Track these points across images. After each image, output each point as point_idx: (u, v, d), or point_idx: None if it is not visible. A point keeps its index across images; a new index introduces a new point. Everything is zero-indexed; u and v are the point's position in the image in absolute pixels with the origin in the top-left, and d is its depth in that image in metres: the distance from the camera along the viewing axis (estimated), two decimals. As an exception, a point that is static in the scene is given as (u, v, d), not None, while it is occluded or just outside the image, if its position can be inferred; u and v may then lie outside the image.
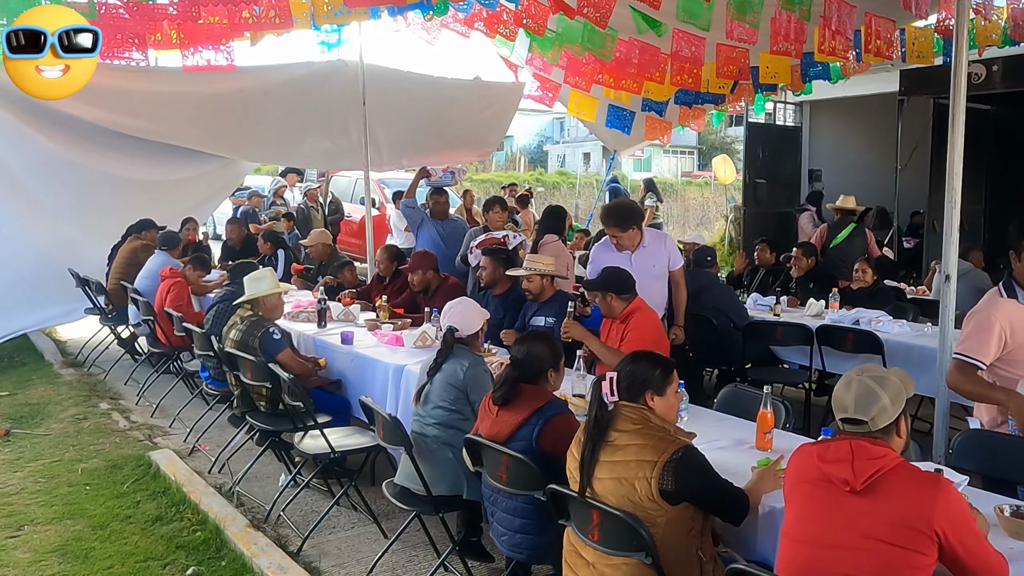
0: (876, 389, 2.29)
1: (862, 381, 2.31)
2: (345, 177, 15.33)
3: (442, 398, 3.77)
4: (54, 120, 8.04)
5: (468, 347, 3.92)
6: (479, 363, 3.86)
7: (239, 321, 5.11)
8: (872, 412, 2.26)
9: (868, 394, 2.29)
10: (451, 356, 3.83)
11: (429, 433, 3.76)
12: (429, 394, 3.81)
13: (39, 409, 6.59)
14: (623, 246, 5.17)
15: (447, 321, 3.95)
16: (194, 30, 6.00)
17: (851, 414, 2.29)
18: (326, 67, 9.69)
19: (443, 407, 3.76)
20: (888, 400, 2.28)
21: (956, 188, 4.19)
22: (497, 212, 7.08)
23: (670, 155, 38.34)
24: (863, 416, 2.27)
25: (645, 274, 5.11)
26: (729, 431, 3.61)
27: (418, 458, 3.62)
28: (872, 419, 2.26)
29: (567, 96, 10.23)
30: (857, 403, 2.29)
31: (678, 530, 2.58)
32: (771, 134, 13.63)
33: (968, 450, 3.36)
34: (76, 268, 8.20)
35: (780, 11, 6.21)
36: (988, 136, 11.07)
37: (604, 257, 5.24)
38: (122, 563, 4.09)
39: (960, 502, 2.19)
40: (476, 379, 3.75)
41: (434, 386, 3.80)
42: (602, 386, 2.73)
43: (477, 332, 4.01)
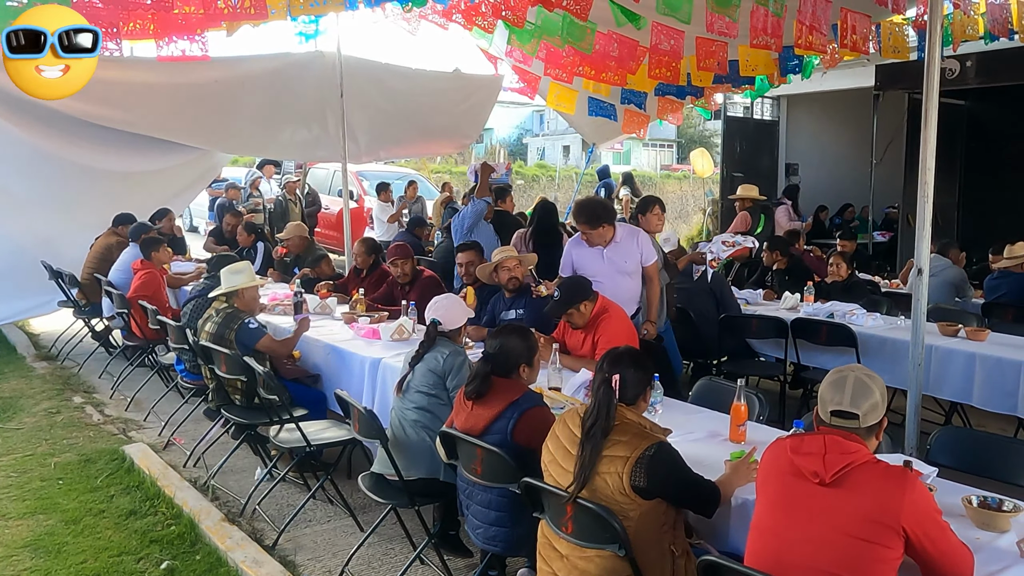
0: (870, 385, 2.32)
1: (857, 377, 2.33)
2: (323, 169, 15.27)
3: (422, 384, 3.79)
4: (28, 111, 7.91)
5: (450, 340, 3.94)
6: (459, 352, 3.89)
7: (214, 314, 5.08)
8: (865, 407, 2.28)
9: (863, 389, 2.31)
10: (433, 347, 3.85)
11: (408, 418, 3.77)
12: (410, 383, 3.83)
13: (11, 403, 6.52)
14: (594, 242, 5.17)
15: (431, 314, 3.97)
16: (169, 20, 5.92)
17: (845, 407, 2.29)
18: (303, 58, 9.63)
19: (423, 391, 3.77)
20: (879, 398, 2.31)
21: (929, 182, 4.23)
22: (657, 213, 5.91)
23: (649, 148, 38.38)
24: (856, 410, 2.28)
25: (617, 270, 5.13)
26: (703, 423, 3.63)
27: (394, 446, 3.64)
28: (864, 414, 2.28)
29: (547, 89, 10.22)
30: (853, 397, 2.29)
31: (651, 524, 2.59)
32: (748, 128, 13.72)
33: (945, 445, 3.40)
34: (51, 260, 8.10)
35: (756, 6, 6.24)
36: (962, 131, 11.20)
37: (576, 252, 5.25)
38: (95, 558, 4.06)
39: (926, 497, 2.21)
40: (455, 366, 3.78)
41: (415, 375, 3.83)
42: (612, 388, 2.71)
43: (460, 328, 4.03)
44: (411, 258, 6.23)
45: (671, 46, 6.94)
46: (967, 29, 7.51)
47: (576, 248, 5.30)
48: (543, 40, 8.21)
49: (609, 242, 5.17)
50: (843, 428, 2.29)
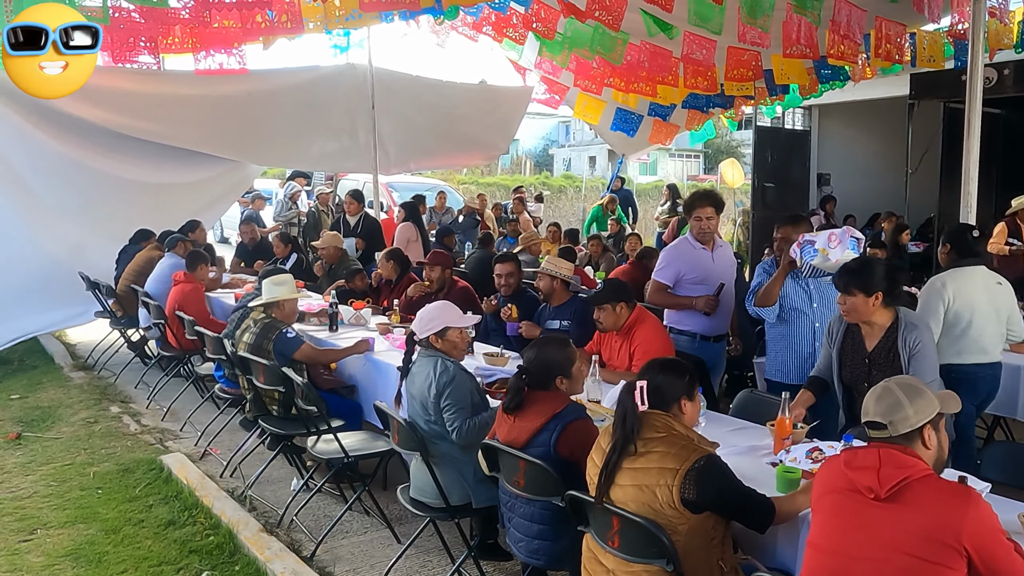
0: (900, 396, 2.28)
1: (888, 387, 2.31)
2: (352, 180, 15.37)
3: (423, 415, 3.72)
4: (62, 123, 8.06)
5: (434, 349, 3.83)
6: (447, 369, 3.72)
7: (252, 324, 5.11)
8: (893, 416, 2.25)
9: (892, 400, 2.28)
10: (416, 361, 3.82)
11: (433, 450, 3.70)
12: (412, 415, 3.79)
13: (50, 412, 6.60)
14: (707, 236, 4.94)
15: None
16: (207, 34, 6.01)
17: (871, 416, 2.29)
18: (334, 70, 9.73)
19: (433, 424, 3.70)
20: (911, 408, 2.26)
21: (972, 193, 4.19)
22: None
23: (676, 159, 38.25)
24: (883, 419, 2.26)
25: (725, 274, 5.00)
26: (745, 438, 3.59)
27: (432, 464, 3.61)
28: (892, 423, 2.25)
29: (574, 99, 10.25)
30: (881, 408, 2.28)
31: (699, 539, 2.55)
32: (779, 138, 13.60)
33: (996, 460, 3.35)
34: (84, 271, 8.20)
35: (791, 15, 6.21)
36: (999, 140, 11.04)
37: (690, 255, 4.99)
38: (135, 567, 4.09)
39: (990, 515, 2.15)
40: (448, 386, 3.66)
41: (413, 403, 3.78)
42: (634, 395, 2.69)
43: (445, 331, 3.84)
44: (443, 266, 6.18)
45: (703, 56, 6.93)
46: (1003, 39, 7.43)
47: (688, 251, 5.02)
48: (573, 52, 8.23)
49: (714, 244, 5.03)
50: (879, 439, 2.26)
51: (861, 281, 3.52)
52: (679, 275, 4.99)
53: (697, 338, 4.98)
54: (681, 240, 5.23)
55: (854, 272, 3.58)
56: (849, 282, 3.55)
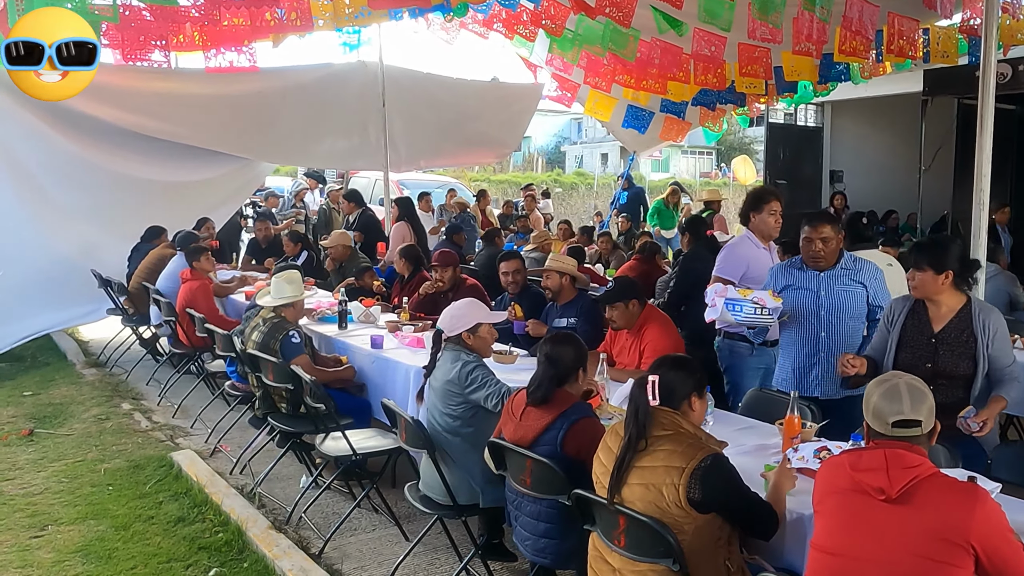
0: (922, 389, 2.26)
1: (906, 383, 2.27)
2: (364, 178, 15.39)
3: (446, 406, 3.73)
4: (73, 122, 8.09)
5: (461, 346, 3.86)
6: (474, 361, 3.78)
7: (261, 323, 5.12)
8: (924, 412, 2.22)
9: (918, 394, 2.25)
10: (442, 356, 3.84)
11: (443, 444, 3.73)
12: (434, 404, 3.79)
13: (62, 409, 6.64)
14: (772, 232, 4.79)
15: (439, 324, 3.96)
16: (217, 32, 6.03)
17: (908, 415, 2.22)
18: (345, 68, 9.73)
19: (449, 415, 3.72)
20: (932, 401, 2.24)
21: (984, 189, 4.13)
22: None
23: (688, 156, 38.17)
24: (919, 416, 2.22)
25: None
26: (754, 436, 3.57)
27: (439, 462, 3.61)
28: (924, 420, 2.22)
29: (585, 96, 10.22)
30: (912, 403, 2.23)
31: (705, 538, 2.54)
32: (792, 135, 13.53)
33: (1007, 460, 3.31)
34: (96, 269, 8.25)
35: (802, 11, 6.18)
36: (1013, 136, 10.94)
37: (754, 253, 4.81)
38: (145, 564, 4.11)
39: (998, 514, 2.13)
40: (477, 379, 3.71)
41: (435, 393, 3.79)
42: (645, 389, 2.68)
43: (473, 330, 3.89)
44: (451, 267, 6.21)
45: (712, 52, 6.91)
46: (1016, 35, 7.36)
47: (751, 249, 4.85)
48: (584, 49, 8.21)
49: (771, 245, 4.90)
50: (905, 439, 2.22)
51: (933, 258, 3.44)
52: (743, 274, 4.76)
53: (754, 346, 4.68)
54: (742, 239, 5.01)
55: (927, 248, 3.53)
56: (920, 258, 3.48)
